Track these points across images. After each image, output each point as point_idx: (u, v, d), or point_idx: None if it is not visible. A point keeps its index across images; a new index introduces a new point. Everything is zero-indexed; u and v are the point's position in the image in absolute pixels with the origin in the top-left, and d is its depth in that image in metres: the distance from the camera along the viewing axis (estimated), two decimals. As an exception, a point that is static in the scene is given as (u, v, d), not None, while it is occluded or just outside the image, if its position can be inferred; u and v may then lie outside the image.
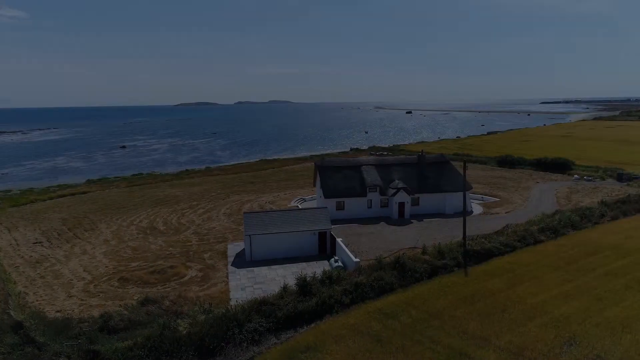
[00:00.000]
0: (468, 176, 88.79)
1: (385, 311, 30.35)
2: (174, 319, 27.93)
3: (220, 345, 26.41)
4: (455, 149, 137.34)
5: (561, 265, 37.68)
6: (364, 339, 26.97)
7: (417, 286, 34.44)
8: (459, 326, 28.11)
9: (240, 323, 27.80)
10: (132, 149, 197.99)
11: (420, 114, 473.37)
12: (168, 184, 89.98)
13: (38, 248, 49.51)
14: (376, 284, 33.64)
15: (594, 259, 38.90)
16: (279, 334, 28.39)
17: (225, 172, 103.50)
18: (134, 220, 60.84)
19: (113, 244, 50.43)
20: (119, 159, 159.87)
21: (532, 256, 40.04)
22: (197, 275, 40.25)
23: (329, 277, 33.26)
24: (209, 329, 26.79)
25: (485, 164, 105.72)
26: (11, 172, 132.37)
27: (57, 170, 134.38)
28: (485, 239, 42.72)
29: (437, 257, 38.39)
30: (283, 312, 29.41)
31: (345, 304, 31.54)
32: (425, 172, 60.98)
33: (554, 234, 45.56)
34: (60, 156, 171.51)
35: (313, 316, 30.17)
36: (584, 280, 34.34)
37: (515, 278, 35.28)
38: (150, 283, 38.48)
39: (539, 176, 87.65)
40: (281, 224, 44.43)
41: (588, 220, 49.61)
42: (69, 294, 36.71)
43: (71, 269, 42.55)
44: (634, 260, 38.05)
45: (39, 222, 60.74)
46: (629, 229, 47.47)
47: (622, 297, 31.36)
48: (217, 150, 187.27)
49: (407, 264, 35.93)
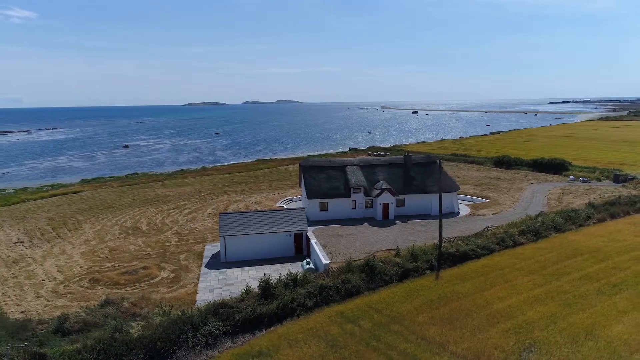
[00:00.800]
0: (462, 177, 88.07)
1: (347, 315, 29.78)
2: (128, 322, 27.58)
3: (172, 349, 26.01)
4: (454, 149, 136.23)
5: (536, 268, 36.83)
6: (319, 344, 26.43)
7: (385, 289, 33.81)
8: (419, 331, 27.46)
9: (196, 326, 27.37)
10: (135, 148, 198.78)
11: (426, 114, 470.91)
12: (160, 183, 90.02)
13: (18, 248, 49.56)
14: (342, 287, 33.08)
15: (571, 262, 37.99)
16: (236, 338, 27.93)
17: (219, 172, 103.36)
18: (119, 220, 60.80)
19: (93, 244, 50.35)
20: (120, 159, 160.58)
21: (509, 259, 39.22)
22: (169, 276, 39.97)
23: (293, 280, 32.74)
24: (161, 332, 26.39)
25: (481, 165, 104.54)
26: (13, 171, 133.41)
27: (58, 169, 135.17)
28: (462, 241, 41.97)
29: (410, 259, 37.71)
30: (242, 315, 28.95)
31: (308, 307, 31.00)
32: (411, 172, 60.21)
33: (535, 236, 44.66)
34: (62, 156, 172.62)
35: (273, 319, 29.69)
36: (557, 285, 33.49)
37: (487, 282, 34.52)
38: (120, 284, 38.24)
39: (535, 177, 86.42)
40: (256, 225, 44.01)
41: (572, 223, 48.59)
42: (37, 295, 36.59)
43: (45, 269, 42.48)
44: (610, 265, 37.09)
45: (25, 222, 60.91)
46: (614, 231, 46.40)
47: (592, 302, 30.49)
48: (218, 150, 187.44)
49: (377, 267, 35.31)
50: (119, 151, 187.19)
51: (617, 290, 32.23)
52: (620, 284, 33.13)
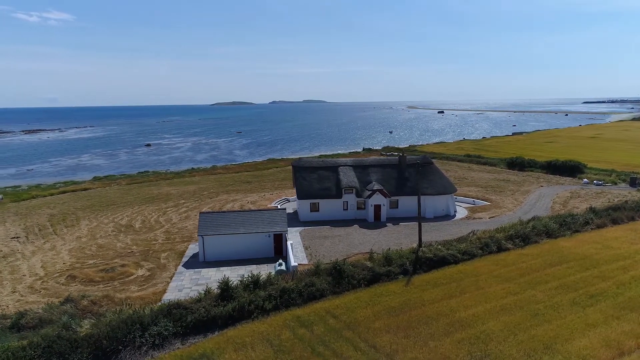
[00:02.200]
0: (470, 178, 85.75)
1: (303, 319, 29.11)
2: (79, 320, 27.74)
3: (118, 348, 25.99)
4: (471, 150, 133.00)
5: (514, 276, 35.18)
6: (265, 349, 25.89)
7: (351, 294, 32.96)
8: (371, 339, 26.54)
9: (145, 326, 27.29)
10: (156, 147, 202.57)
11: (452, 114, 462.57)
12: (168, 182, 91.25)
13: (13, 243, 50.95)
14: (306, 291, 32.41)
15: (554, 270, 36.12)
16: (186, 339, 27.70)
17: (228, 171, 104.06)
18: (117, 217, 61.81)
19: (83, 240, 51.28)
20: (140, 157, 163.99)
21: (488, 265, 37.64)
22: (144, 274, 40.19)
23: (254, 282, 32.29)
24: (109, 330, 26.41)
25: (494, 166, 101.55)
26: (36, 168, 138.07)
27: (79, 167, 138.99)
28: (443, 245, 40.56)
29: (383, 263, 36.66)
30: (195, 316, 28.70)
31: (267, 310, 30.50)
32: (405, 174, 58.82)
33: (524, 242, 42.77)
34: (86, 154, 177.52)
35: (228, 322, 29.34)
36: (531, 294, 31.84)
37: (458, 289, 33.17)
38: (94, 281, 38.70)
39: (547, 180, 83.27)
40: (236, 225, 43.79)
41: (567, 228, 46.33)
42: (13, 290, 37.41)
43: (30, 265, 43.46)
44: (595, 273, 35.06)
45: (27, 218, 62.69)
46: (610, 238, 43.97)
47: (562, 313, 28.80)
48: (236, 149, 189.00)
49: (346, 271, 34.48)
50: (140, 149, 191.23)
51: (594, 301, 30.37)
52: (599, 295, 31.22)
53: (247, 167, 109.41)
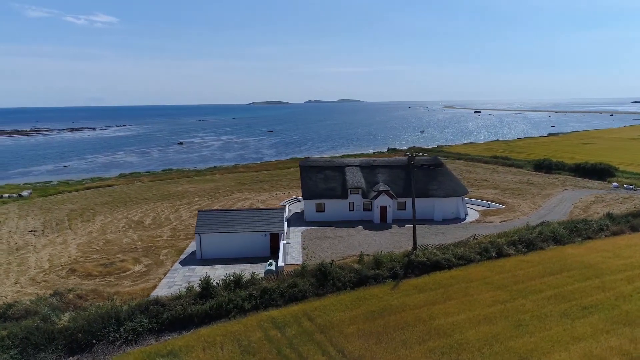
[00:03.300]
0: (491, 180, 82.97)
1: (277, 321, 28.86)
2: (60, 313, 28.56)
3: (92, 342, 26.58)
4: (501, 151, 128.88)
5: (508, 283, 33.62)
6: (233, 349, 25.81)
7: (334, 296, 32.43)
8: (341, 344, 25.98)
9: (121, 321, 27.79)
10: (188, 145, 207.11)
11: (489, 114, 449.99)
12: (188, 179, 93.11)
13: (28, 236, 53.25)
14: (287, 291, 32.15)
15: (552, 278, 34.26)
16: (160, 336, 28.00)
17: (248, 170, 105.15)
18: (130, 213, 63.53)
19: (94, 235, 52.97)
20: (170, 155, 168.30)
21: (483, 271, 36.15)
22: (140, 270, 41.06)
23: (236, 281, 32.30)
24: (85, 324, 27.05)
25: (521, 168, 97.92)
26: (73, 164, 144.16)
27: (112, 164, 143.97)
28: (439, 249, 39.31)
29: (372, 266, 35.88)
30: (171, 313, 28.98)
31: (246, 309, 30.43)
32: (414, 175, 57.39)
33: (527, 247, 40.84)
34: (120, 151, 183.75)
35: (205, 320, 29.47)
36: (520, 303, 30.31)
37: (444, 295, 32.02)
38: (92, 275, 39.86)
39: (573, 183, 79.53)
40: (233, 223, 44.05)
41: (578, 235, 43.93)
42: (16, 281, 39.04)
43: (38, 258, 45.25)
44: (596, 284, 33.00)
45: (49, 212, 65.39)
46: (623, 246, 41.34)
47: (548, 325, 27.22)
48: (264, 148, 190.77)
49: (332, 272, 33.96)
50: (172, 148, 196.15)
51: (586, 313, 28.57)
52: (593, 307, 29.34)
53: (267, 166, 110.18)
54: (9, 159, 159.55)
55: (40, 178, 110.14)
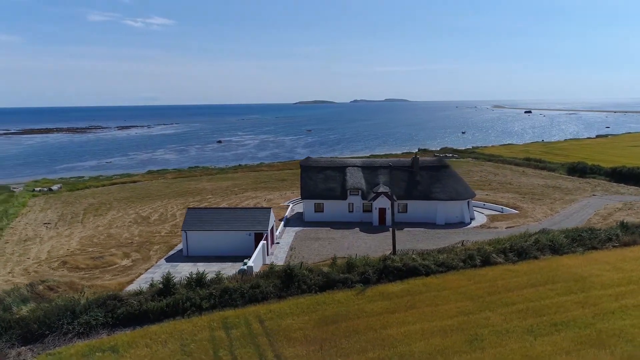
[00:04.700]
0: (515, 184, 78.85)
1: (228, 321, 28.57)
2: (25, 304, 29.68)
3: (45, 333, 27.41)
4: (538, 154, 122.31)
5: (482, 294, 31.55)
6: (174, 347, 25.77)
7: (295, 299, 31.73)
8: (281, 349, 25.29)
9: (76, 314, 28.50)
10: (226, 143, 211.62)
11: (540, 113, 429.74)
12: (209, 177, 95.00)
13: (40, 228, 56.09)
14: (248, 292, 31.83)
15: (533, 291, 31.81)
16: (114, 331, 28.46)
17: (271, 169, 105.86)
18: (142, 209, 65.50)
19: (99, 229, 55.00)
20: (207, 153, 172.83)
21: (460, 280, 34.15)
22: (126, 265, 42.13)
23: (198, 279, 32.33)
24: (41, 315, 27.96)
25: (553, 171, 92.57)
26: (115, 160, 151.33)
27: (150, 160, 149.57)
28: (420, 255, 37.60)
29: (343, 270, 34.84)
30: (126, 309, 29.41)
31: (203, 308, 30.41)
32: (417, 177, 55.47)
33: (519, 256, 38.18)
34: (161, 148, 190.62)
35: (161, 317, 29.67)
36: (485, 316, 28.32)
37: (409, 303, 30.51)
38: (79, 268, 41.31)
39: (605, 188, 74.13)
40: (219, 222, 44.27)
41: (581, 244, 40.61)
42: (10, 271, 41.11)
43: (40, 249, 47.49)
44: (577, 299, 30.26)
45: (69, 206, 68.66)
46: (629, 259, 37.71)
47: (505, 341, 25.18)
48: (298, 147, 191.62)
49: (297, 275, 33.29)
50: (210, 146, 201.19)
51: (554, 330, 26.21)
52: (565, 323, 26.88)
53: (290, 165, 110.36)
54: (59, 154, 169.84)
55: (81, 173, 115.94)
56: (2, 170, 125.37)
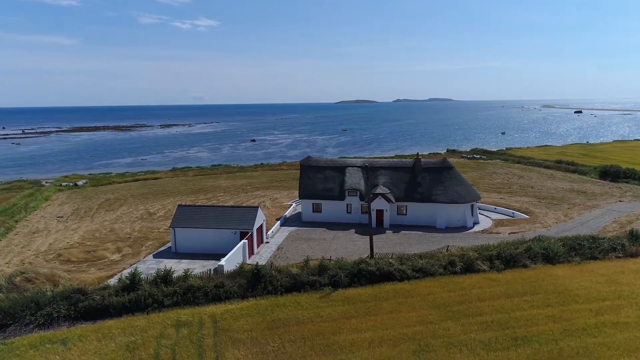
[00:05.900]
0: (537, 187, 74.92)
1: (182, 320, 28.52)
2: (-3, 294, 30.94)
3: (8, 323, 28.39)
4: (575, 156, 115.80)
5: (450, 303, 29.87)
6: (121, 343, 25.97)
7: (257, 300, 31.31)
8: (222, 350, 24.92)
9: (40, 306, 29.35)
10: (260, 142, 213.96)
11: (591, 114, 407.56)
12: (228, 175, 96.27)
13: (52, 221, 58.59)
14: (212, 291, 31.72)
15: (507, 302, 29.77)
16: (75, 323, 29.10)
17: (290, 168, 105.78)
18: (152, 205, 67.14)
19: (105, 224, 56.77)
20: (239, 151, 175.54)
21: (434, 287, 32.52)
22: (114, 259, 43.16)
23: (164, 277, 32.54)
24: (7, 306, 28.99)
25: (584, 175, 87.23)
26: (150, 158, 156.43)
27: (183, 158, 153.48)
28: (398, 259, 36.19)
29: (314, 272, 34.06)
30: (88, 302, 30.01)
31: (164, 305, 30.60)
32: (418, 178, 53.60)
33: (505, 264, 35.99)
34: (196, 147, 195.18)
35: (122, 312, 30.06)
36: (446, 326, 26.72)
37: (370, 309, 29.35)
38: (70, 261, 42.72)
39: (637, 193, 69.07)
40: (207, 220, 44.51)
41: (580, 254, 37.78)
42: (8, 261, 43.09)
43: (43, 242, 49.55)
44: (552, 312, 27.98)
45: (86, 200, 71.41)
46: (628, 271, 34.59)
47: (455, 355, 23.56)
48: (329, 146, 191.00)
49: (265, 275, 32.87)
50: (243, 144, 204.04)
51: (512, 345, 24.34)
52: (527, 338, 24.90)
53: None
54: (100, 151, 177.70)
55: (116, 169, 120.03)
56: (45, 166, 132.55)
